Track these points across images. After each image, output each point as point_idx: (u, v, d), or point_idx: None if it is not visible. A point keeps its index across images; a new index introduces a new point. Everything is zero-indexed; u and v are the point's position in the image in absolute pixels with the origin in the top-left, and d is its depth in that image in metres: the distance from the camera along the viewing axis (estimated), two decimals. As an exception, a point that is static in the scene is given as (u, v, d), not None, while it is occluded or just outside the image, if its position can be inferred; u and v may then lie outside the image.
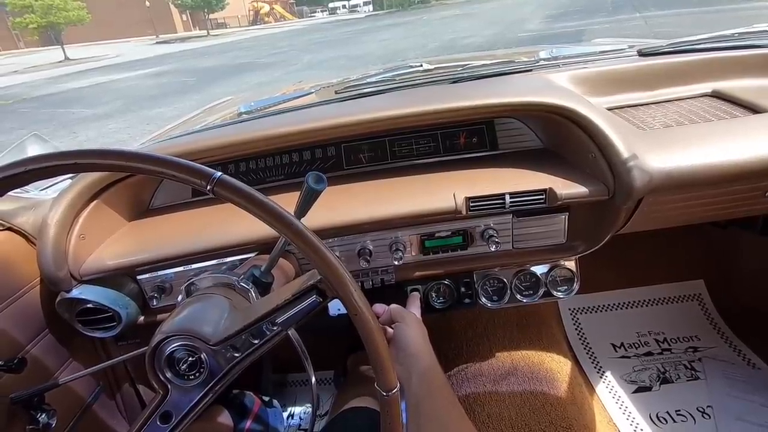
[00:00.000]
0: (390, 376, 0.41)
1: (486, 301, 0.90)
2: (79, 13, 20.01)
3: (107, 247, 0.80)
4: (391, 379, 0.41)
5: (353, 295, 0.40)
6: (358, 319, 0.40)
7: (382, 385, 0.41)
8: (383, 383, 0.41)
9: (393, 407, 0.41)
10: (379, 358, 0.41)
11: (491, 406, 0.97)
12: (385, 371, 0.41)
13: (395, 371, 0.66)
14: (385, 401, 0.41)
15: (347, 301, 0.40)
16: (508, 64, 1.00)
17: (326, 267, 0.39)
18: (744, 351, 1.21)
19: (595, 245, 0.83)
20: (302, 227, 0.39)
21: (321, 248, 0.39)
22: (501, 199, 0.76)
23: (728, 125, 0.77)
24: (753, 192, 0.77)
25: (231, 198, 0.38)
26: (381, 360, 0.41)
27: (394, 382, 0.41)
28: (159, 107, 7.46)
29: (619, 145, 0.72)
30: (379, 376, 0.41)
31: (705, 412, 1.07)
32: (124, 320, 0.81)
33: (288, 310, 0.45)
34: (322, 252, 0.39)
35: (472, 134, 0.93)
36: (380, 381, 0.41)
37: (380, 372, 0.41)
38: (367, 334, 0.40)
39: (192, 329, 0.50)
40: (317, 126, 0.82)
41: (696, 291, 1.37)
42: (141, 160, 0.37)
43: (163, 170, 0.37)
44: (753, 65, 0.91)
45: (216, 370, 0.50)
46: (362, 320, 0.40)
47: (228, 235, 0.79)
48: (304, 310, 0.45)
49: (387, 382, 0.41)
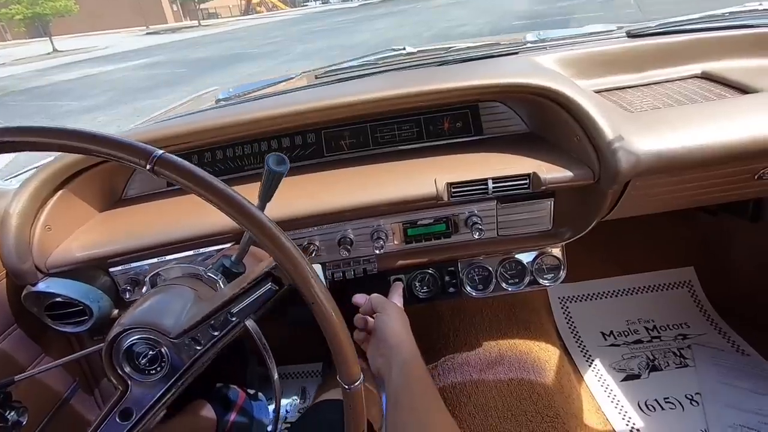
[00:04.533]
0: (352, 367, 0.39)
1: (471, 290, 0.88)
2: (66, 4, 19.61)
3: (76, 238, 0.77)
4: (353, 370, 0.39)
5: (310, 282, 0.37)
6: (316, 308, 0.37)
7: (343, 377, 0.39)
8: (345, 375, 0.39)
9: (356, 400, 0.39)
10: (340, 349, 0.38)
11: (478, 396, 0.96)
12: (346, 362, 0.38)
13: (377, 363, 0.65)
14: (347, 394, 0.39)
15: (303, 288, 0.37)
16: (494, 46, 0.97)
17: (279, 252, 0.37)
18: (733, 338, 1.20)
19: (581, 231, 0.80)
20: (252, 209, 0.36)
21: (274, 232, 0.36)
22: (484, 184, 0.74)
23: (717, 106, 0.74)
24: (742, 175, 0.75)
25: (174, 178, 0.35)
26: (342, 351, 0.38)
27: (357, 374, 0.39)
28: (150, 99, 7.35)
29: (605, 127, 0.69)
30: (341, 368, 0.39)
31: (693, 399, 1.06)
32: (96, 314, 0.78)
33: (243, 300, 0.43)
34: (275, 236, 0.36)
35: (456, 119, 0.90)
36: (341, 373, 0.39)
37: (341, 363, 0.39)
38: (326, 324, 0.38)
39: (152, 321, 0.47)
40: (294, 110, 0.79)
41: (686, 278, 1.36)
42: (74, 137, 0.34)
43: (95, 148, 0.34)
44: (743, 45, 0.89)
45: (178, 363, 0.47)
46: (320, 309, 0.37)
47: (204, 225, 0.76)
48: (259, 299, 0.42)
49: (349, 374, 0.39)
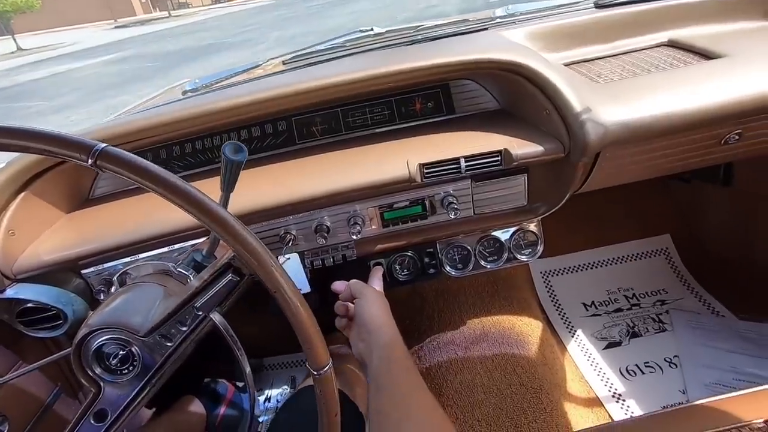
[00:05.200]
0: (320, 352, 0.38)
1: (450, 270, 0.88)
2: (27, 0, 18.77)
3: (43, 241, 0.75)
4: (321, 356, 0.39)
5: (270, 271, 0.36)
6: (278, 296, 0.37)
7: (312, 363, 0.39)
8: (313, 361, 0.39)
9: (326, 385, 0.39)
10: (307, 335, 0.38)
11: (463, 373, 0.97)
12: (314, 348, 0.38)
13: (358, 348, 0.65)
14: (317, 380, 0.39)
15: (264, 277, 0.37)
16: (464, 23, 0.96)
17: (235, 241, 0.36)
18: (709, 300, 1.24)
19: (555, 205, 0.81)
20: (202, 197, 0.35)
21: (228, 221, 0.35)
22: (456, 163, 0.73)
23: (682, 73, 0.75)
24: (709, 141, 0.76)
25: (120, 172, 0.34)
26: (308, 337, 0.38)
27: (325, 360, 0.39)
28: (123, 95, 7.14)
29: (572, 100, 0.69)
30: (309, 354, 0.39)
31: (672, 362, 1.09)
32: (71, 317, 0.76)
33: (206, 293, 0.42)
34: (229, 224, 0.36)
35: (427, 99, 0.89)
36: (310, 359, 0.39)
37: (309, 350, 0.38)
38: (291, 312, 0.37)
39: (119, 321, 0.46)
40: (262, 96, 0.77)
41: (663, 245, 1.39)
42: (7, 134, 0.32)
43: (31, 145, 0.33)
44: (709, 11, 0.89)
45: (150, 362, 0.47)
46: (283, 297, 0.37)
47: (176, 221, 0.74)
48: (221, 291, 0.41)
49: (317, 360, 0.39)
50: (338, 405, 0.40)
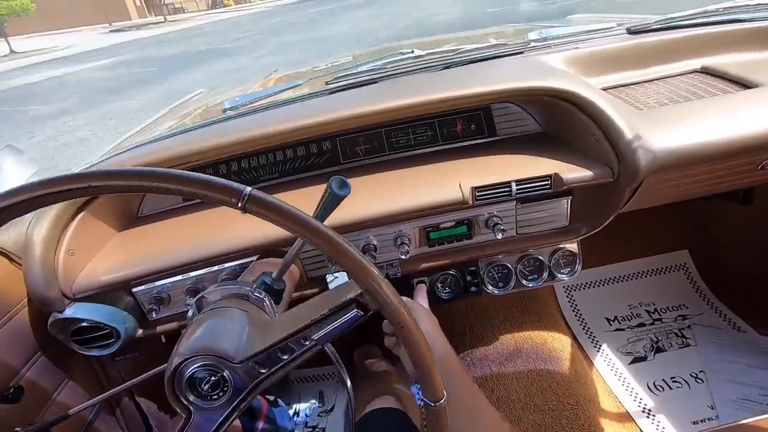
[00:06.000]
0: (437, 385, 0.40)
1: (493, 289, 0.90)
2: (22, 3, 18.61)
3: (99, 261, 0.76)
4: (439, 388, 0.40)
5: (398, 308, 0.38)
6: (404, 332, 0.39)
7: (429, 395, 0.40)
8: (431, 393, 0.40)
9: (441, 418, 0.41)
10: (426, 369, 0.40)
11: (500, 389, 0.99)
12: (432, 381, 0.40)
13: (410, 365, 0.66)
14: (433, 412, 0.41)
15: (392, 314, 0.38)
16: (500, 47, 0.99)
17: (369, 280, 0.37)
18: (729, 315, 1.27)
19: (598, 226, 0.83)
20: (342, 241, 0.37)
21: (363, 262, 0.37)
22: (507, 187, 0.76)
23: (721, 101, 0.78)
24: (747, 166, 0.79)
25: (265, 215, 0.35)
26: (428, 370, 0.40)
27: (441, 392, 0.40)
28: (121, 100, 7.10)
29: (623, 127, 0.72)
30: (427, 387, 0.40)
31: (698, 377, 1.12)
32: (123, 336, 0.77)
33: (326, 325, 0.43)
34: (364, 265, 0.37)
35: (469, 121, 0.92)
36: (427, 391, 0.40)
37: (428, 383, 0.40)
38: (413, 346, 0.39)
39: (212, 347, 0.47)
40: (313, 122, 0.79)
41: (681, 261, 1.42)
42: (164, 179, 0.34)
43: (191, 190, 0.34)
44: (738, 40, 0.93)
45: (242, 387, 0.48)
46: (409, 333, 0.39)
47: (227, 241, 0.76)
48: (344, 324, 0.43)
49: (434, 392, 0.40)
50: None
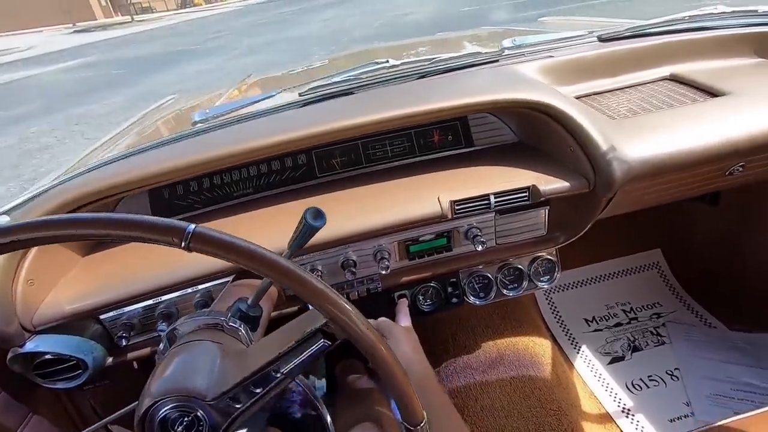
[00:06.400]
0: (417, 409, 0.40)
1: (474, 299, 0.90)
2: (-23, 2, 17.71)
3: (62, 289, 0.71)
4: (418, 412, 0.40)
5: (366, 334, 0.37)
6: (375, 356, 0.38)
7: (408, 419, 0.40)
8: (410, 417, 0.40)
9: None
10: (403, 393, 0.39)
11: (483, 398, 0.99)
12: (411, 405, 0.39)
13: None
14: None
15: (360, 341, 0.38)
16: (475, 56, 0.98)
17: (333, 309, 0.37)
18: (700, 312, 1.31)
19: (575, 235, 0.84)
20: (300, 272, 0.36)
21: (326, 291, 0.37)
22: (486, 199, 0.75)
23: (691, 110, 0.79)
24: (716, 173, 0.81)
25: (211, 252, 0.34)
26: (405, 394, 0.39)
27: (421, 415, 0.40)
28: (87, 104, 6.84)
29: (598, 139, 0.72)
30: (406, 411, 0.40)
31: (674, 374, 1.15)
32: (91, 366, 0.73)
33: (293, 358, 0.42)
34: (328, 295, 0.37)
35: (446, 131, 0.91)
36: (406, 415, 0.40)
37: (406, 407, 0.40)
38: (387, 370, 0.38)
39: (183, 387, 0.45)
40: (287, 138, 0.76)
41: (654, 260, 1.46)
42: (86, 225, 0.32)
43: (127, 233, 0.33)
44: (704, 48, 0.95)
45: (216, 425, 0.46)
46: (380, 357, 0.38)
47: (199, 264, 0.73)
48: (312, 355, 0.42)
49: (414, 416, 0.40)
50: None
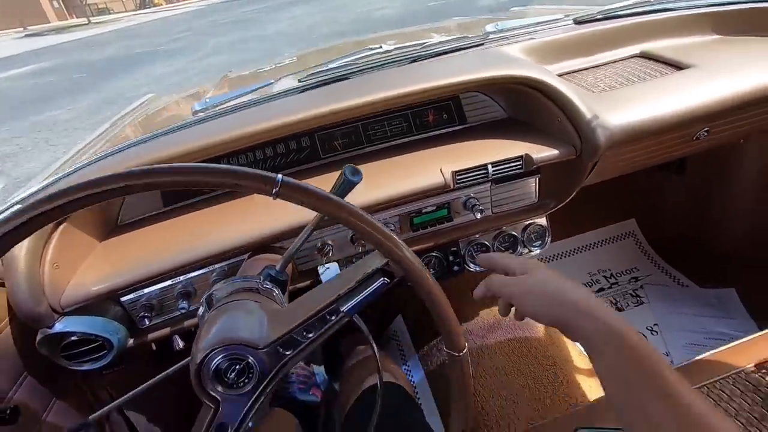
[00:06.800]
0: (460, 337, 0.45)
1: (474, 266, 0.96)
2: None
3: (85, 272, 0.73)
4: (461, 339, 0.45)
5: (421, 272, 0.43)
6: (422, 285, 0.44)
7: (452, 346, 0.45)
8: (454, 344, 0.45)
9: (465, 365, 0.46)
10: (448, 321, 0.44)
11: (485, 360, 1.06)
12: (454, 333, 0.45)
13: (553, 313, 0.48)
14: (458, 360, 0.45)
15: (413, 274, 0.43)
16: (462, 40, 1.05)
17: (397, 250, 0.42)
18: (674, 273, 1.42)
19: (564, 200, 0.92)
20: (366, 216, 0.41)
21: (388, 233, 0.42)
22: (484, 169, 0.81)
23: (661, 82, 0.88)
24: (685, 138, 0.90)
25: (295, 198, 0.39)
26: (450, 322, 0.44)
27: (463, 344, 0.45)
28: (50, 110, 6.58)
29: (583, 109, 0.80)
30: (449, 338, 0.45)
31: (653, 329, 1.26)
32: (116, 346, 0.75)
33: (353, 297, 0.46)
34: (390, 236, 0.42)
35: (440, 110, 0.97)
36: (449, 343, 0.45)
37: (449, 333, 0.45)
38: (433, 299, 0.44)
39: (235, 337, 0.49)
40: (291, 120, 0.80)
41: (630, 229, 1.57)
42: (199, 173, 0.36)
43: (225, 180, 0.36)
44: (670, 27, 1.04)
45: (267, 371, 0.50)
46: (428, 289, 0.43)
47: (216, 242, 0.76)
48: (373, 292, 0.46)
49: (457, 343, 0.45)
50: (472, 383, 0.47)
